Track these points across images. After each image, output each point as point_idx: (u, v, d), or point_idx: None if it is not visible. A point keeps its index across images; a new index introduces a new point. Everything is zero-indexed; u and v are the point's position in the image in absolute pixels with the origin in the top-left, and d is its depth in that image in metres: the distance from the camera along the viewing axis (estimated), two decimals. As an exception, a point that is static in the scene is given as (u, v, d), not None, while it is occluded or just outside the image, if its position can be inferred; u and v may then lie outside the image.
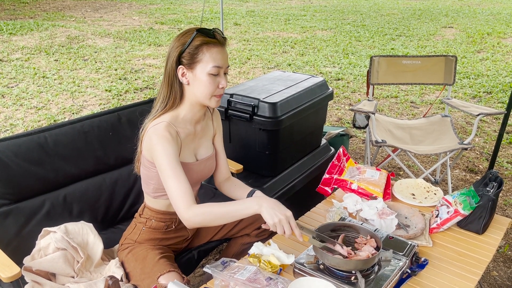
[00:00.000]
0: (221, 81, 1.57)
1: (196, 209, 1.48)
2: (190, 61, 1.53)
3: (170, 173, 1.50)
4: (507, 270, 2.54)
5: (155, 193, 1.70)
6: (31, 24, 9.52)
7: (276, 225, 1.41)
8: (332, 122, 4.67)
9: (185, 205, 1.48)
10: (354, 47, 7.93)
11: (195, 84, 1.56)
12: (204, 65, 1.52)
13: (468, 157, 3.88)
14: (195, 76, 1.54)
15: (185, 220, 1.49)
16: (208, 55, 1.52)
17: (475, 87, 5.70)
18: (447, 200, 1.77)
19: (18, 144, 1.82)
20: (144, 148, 1.61)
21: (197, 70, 1.53)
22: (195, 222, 1.49)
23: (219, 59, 1.54)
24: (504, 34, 8.97)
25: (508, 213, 3.08)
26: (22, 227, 1.80)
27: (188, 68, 1.54)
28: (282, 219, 1.41)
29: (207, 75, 1.53)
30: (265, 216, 1.42)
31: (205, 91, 1.56)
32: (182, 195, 1.48)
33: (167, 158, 1.51)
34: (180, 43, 1.53)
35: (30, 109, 4.92)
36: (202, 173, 1.75)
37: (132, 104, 2.24)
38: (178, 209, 1.50)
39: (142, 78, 6.05)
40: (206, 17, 10.84)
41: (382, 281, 1.40)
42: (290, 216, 1.43)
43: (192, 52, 1.52)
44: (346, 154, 2.17)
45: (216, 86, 1.56)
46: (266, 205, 1.43)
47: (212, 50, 1.52)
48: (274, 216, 1.41)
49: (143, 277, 1.62)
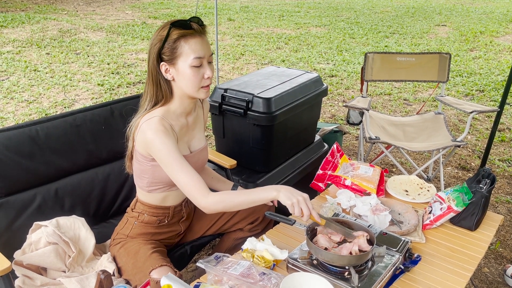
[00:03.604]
0: (205, 71, 1.54)
1: (215, 197, 1.51)
2: (171, 56, 1.51)
3: (177, 167, 1.51)
4: (498, 266, 2.56)
5: (149, 187, 1.69)
6: (23, 17, 9.42)
7: (294, 206, 1.44)
8: (326, 118, 4.67)
9: (201, 194, 1.50)
10: (348, 44, 7.94)
11: (179, 78, 1.54)
12: (185, 58, 1.50)
13: (461, 155, 3.90)
14: (178, 71, 1.52)
15: (204, 208, 1.52)
16: (187, 47, 1.49)
17: (468, 85, 5.73)
18: (440, 196, 1.77)
19: (8, 137, 1.79)
20: (138, 143, 1.59)
21: (179, 65, 1.51)
22: (216, 209, 1.54)
23: (199, 50, 1.50)
24: (496, 32, 9.02)
25: (500, 210, 3.10)
26: (13, 221, 1.78)
27: (170, 64, 1.52)
28: (300, 200, 1.45)
29: (190, 67, 1.50)
30: (283, 198, 1.45)
31: (191, 84, 1.53)
32: (196, 185, 1.51)
33: (169, 152, 1.51)
34: (158, 39, 1.51)
35: (21, 102, 4.87)
36: (196, 165, 1.73)
37: (125, 98, 2.22)
38: (195, 199, 1.52)
39: (135, 73, 6.02)
40: (199, 12, 10.78)
41: (376, 276, 1.40)
42: (307, 197, 1.47)
43: (171, 47, 1.49)
44: (340, 150, 2.17)
45: (201, 77, 1.54)
46: (284, 190, 1.48)
47: (190, 42, 1.49)
48: (292, 197, 1.45)
49: (135, 272, 1.61)
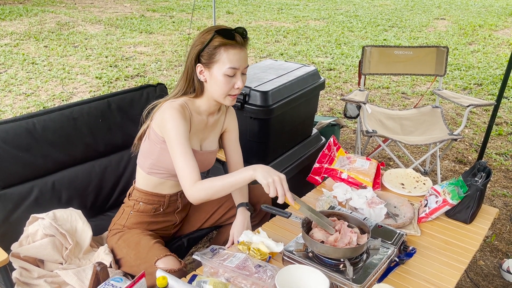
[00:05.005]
0: (236, 82, 1.60)
1: (199, 185, 1.52)
2: (208, 60, 1.57)
3: (179, 150, 1.54)
4: (494, 259, 2.58)
5: (151, 169, 1.71)
6: (20, 9, 9.38)
7: (269, 185, 1.43)
8: (323, 112, 4.67)
9: (190, 182, 1.52)
10: (347, 38, 7.92)
11: (211, 82, 1.60)
12: (221, 65, 1.56)
13: (458, 148, 3.91)
14: (212, 75, 1.58)
15: (189, 196, 1.53)
16: (226, 56, 1.55)
17: (466, 79, 5.73)
18: (435, 189, 1.78)
19: (5, 130, 1.79)
20: (155, 122, 1.63)
21: (214, 70, 1.57)
22: (200, 198, 1.53)
23: (236, 61, 1.56)
24: (495, 26, 9.01)
25: (496, 203, 3.12)
26: (10, 214, 1.78)
27: (206, 67, 1.58)
28: (275, 180, 1.43)
29: (223, 75, 1.56)
30: (259, 177, 1.45)
31: (220, 91, 1.60)
32: (189, 172, 1.52)
33: (177, 134, 1.54)
34: (200, 42, 1.57)
35: (19, 95, 4.87)
36: (203, 164, 1.75)
37: (123, 91, 2.21)
38: (184, 185, 1.54)
39: (133, 66, 6.00)
40: (198, 5, 10.74)
41: (370, 269, 1.41)
42: (283, 178, 1.46)
43: (210, 52, 1.55)
44: (337, 144, 2.18)
45: (232, 86, 1.60)
46: (260, 169, 1.47)
47: (229, 52, 1.55)
48: (268, 177, 1.44)
49: (139, 263, 1.62)
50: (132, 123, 2.11)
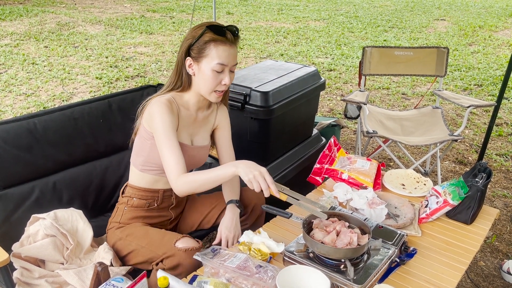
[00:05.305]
0: (224, 78, 1.62)
1: (184, 178, 1.54)
2: (198, 54, 1.59)
3: (165, 143, 1.56)
4: (494, 260, 2.58)
5: (143, 166, 1.73)
6: (21, 9, 9.38)
7: (251, 181, 1.43)
8: (323, 112, 4.67)
9: (175, 174, 1.55)
10: (347, 38, 7.92)
11: (199, 76, 1.63)
12: (209, 60, 1.58)
13: (458, 149, 3.91)
14: (200, 69, 1.61)
15: (174, 188, 1.56)
16: (215, 51, 1.57)
17: (466, 80, 5.73)
18: (436, 190, 1.78)
19: (6, 130, 1.79)
20: (144, 118, 1.66)
21: (203, 64, 1.59)
22: (184, 190, 1.56)
23: (225, 57, 1.58)
24: (495, 27, 9.01)
25: (496, 204, 3.12)
26: (11, 214, 1.78)
27: (195, 61, 1.61)
28: (256, 175, 1.43)
29: (211, 70, 1.59)
30: (241, 174, 1.45)
31: (207, 85, 1.62)
32: (174, 165, 1.55)
33: (164, 127, 1.57)
34: (191, 36, 1.60)
35: (19, 95, 4.87)
36: (194, 159, 1.76)
37: (123, 92, 2.22)
38: (169, 178, 1.57)
39: (133, 66, 6.00)
40: (198, 6, 10.75)
41: (371, 269, 1.41)
42: (264, 171, 1.45)
43: (200, 46, 1.58)
44: (337, 144, 2.18)
45: (218, 82, 1.62)
46: (242, 165, 1.47)
47: (219, 48, 1.57)
48: (249, 173, 1.44)
49: (155, 247, 1.62)
50: (132, 123, 2.10)
